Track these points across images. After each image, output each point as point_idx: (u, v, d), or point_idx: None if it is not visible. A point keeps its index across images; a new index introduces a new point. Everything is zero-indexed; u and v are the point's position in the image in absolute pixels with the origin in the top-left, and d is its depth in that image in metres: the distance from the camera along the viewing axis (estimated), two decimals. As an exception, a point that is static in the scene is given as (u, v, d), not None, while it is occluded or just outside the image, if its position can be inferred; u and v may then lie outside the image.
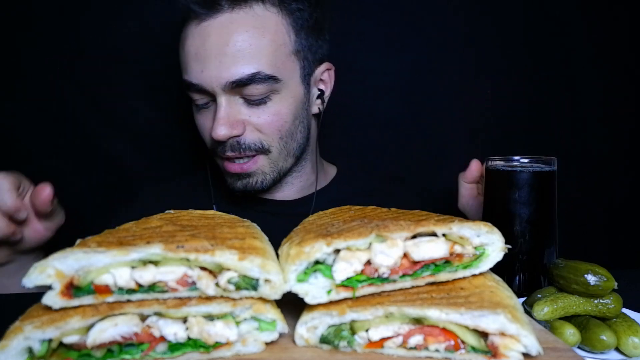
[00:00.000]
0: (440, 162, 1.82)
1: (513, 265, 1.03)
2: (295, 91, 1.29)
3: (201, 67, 1.19)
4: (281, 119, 1.26)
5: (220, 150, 1.27)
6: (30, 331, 0.60)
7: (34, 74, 1.70)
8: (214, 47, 1.18)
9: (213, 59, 1.18)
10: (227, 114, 1.21)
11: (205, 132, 1.31)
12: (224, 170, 1.33)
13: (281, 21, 1.23)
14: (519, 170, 1.03)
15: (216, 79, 1.18)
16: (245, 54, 1.18)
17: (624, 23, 1.82)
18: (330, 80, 1.42)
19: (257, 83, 1.19)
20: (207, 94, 1.23)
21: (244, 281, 0.66)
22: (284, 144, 1.29)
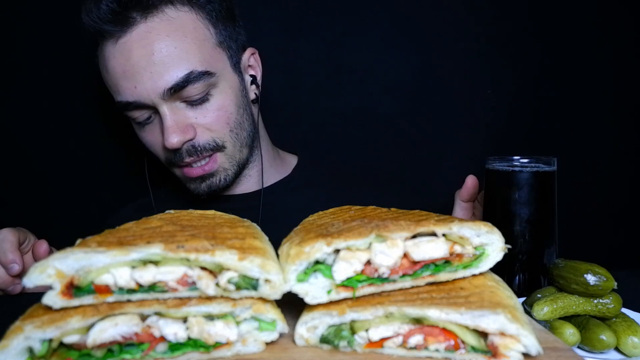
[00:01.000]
0: (440, 162, 1.82)
1: (513, 265, 1.03)
2: (232, 81, 1.30)
3: (133, 83, 1.18)
4: (227, 111, 1.27)
5: (177, 159, 1.26)
6: (31, 331, 0.60)
7: (33, 74, 1.70)
8: (141, 60, 1.16)
9: (142, 71, 1.16)
10: (175, 121, 1.21)
11: (155, 146, 1.30)
12: (185, 178, 1.32)
13: (196, 18, 1.23)
14: (519, 170, 1.03)
15: (152, 90, 1.17)
16: (174, 58, 1.17)
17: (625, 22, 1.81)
18: (258, 63, 1.43)
19: (193, 82, 1.19)
20: (146, 108, 1.22)
21: (244, 281, 0.66)
22: (235, 136, 1.30)
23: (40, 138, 1.72)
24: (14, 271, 1.08)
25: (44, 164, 1.74)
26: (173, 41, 1.18)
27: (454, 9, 1.77)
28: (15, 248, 1.09)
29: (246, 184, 1.46)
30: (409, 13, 1.77)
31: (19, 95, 1.71)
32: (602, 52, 1.82)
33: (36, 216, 1.72)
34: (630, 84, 1.84)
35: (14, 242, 1.09)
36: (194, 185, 1.33)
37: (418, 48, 1.78)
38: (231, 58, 1.31)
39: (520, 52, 1.80)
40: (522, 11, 1.79)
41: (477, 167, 1.22)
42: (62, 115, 1.72)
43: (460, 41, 1.78)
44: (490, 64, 1.80)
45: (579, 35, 1.80)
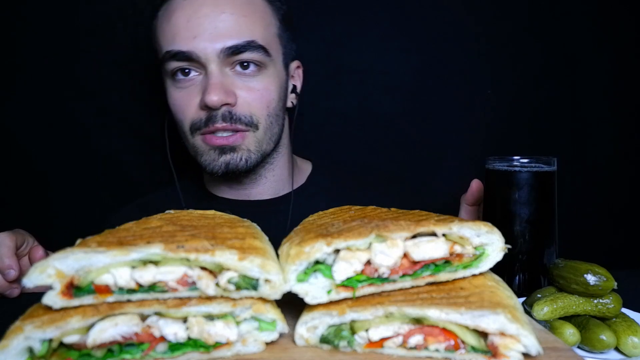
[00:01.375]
0: (440, 162, 1.82)
1: (513, 265, 1.03)
2: (280, 73, 1.32)
3: (194, 34, 1.18)
4: (270, 94, 1.28)
5: (209, 121, 1.23)
6: (31, 331, 0.60)
7: (33, 74, 1.70)
8: (209, 14, 1.19)
9: (207, 25, 1.18)
10: (221, 81, 1.21)
11: (186, 107, 1.26)
12: (204, 147, 1.27)
13: (266, 5, 1.30)
14: (519, 170, 1.03)
15: (210, 45, 1.18)
16: (241, 24, 1.21)
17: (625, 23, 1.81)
18: (300, 78, 1.47)
19: (251, 51, 1.21)
20: (194, 62, 1.21)
21: (244, 281, 0.66)
22: (269, 123, 1.30)
23: (40, 138, 1.72)
24: (10, 277, 1.07)
25: (44, 164, 1.74)
26: (243, 10, 1.22)
27: (454, 9, 1.77)
28: (12, 253, 1.08)
29: (261, 187, 1.43)
30: (409, 13, 1.76)
31: (19, 95, 1.71)
32: (602, 52, 1.82)
33: (36, 216, 1.72)
34: (630, 84, 1.84)
35: (11, 247, 1.08)
36: (210, 157, 1.27)
37: (418, 48, 1.78)
38: (284, 55, 1.34)
39: (520, 52, 1.80)
40: (522, 11, 1.79)
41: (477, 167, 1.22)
42: (62, 115, 1.72)
43: (460, 41, 1.78)
44: (490, 64, 1.79)
45: (579, 36, 1.80)
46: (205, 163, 1.29)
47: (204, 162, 1.29)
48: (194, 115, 1.25)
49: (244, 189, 1.42)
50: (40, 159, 1.74)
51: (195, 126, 1.26)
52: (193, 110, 1.25)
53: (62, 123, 1.72)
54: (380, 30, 1.76)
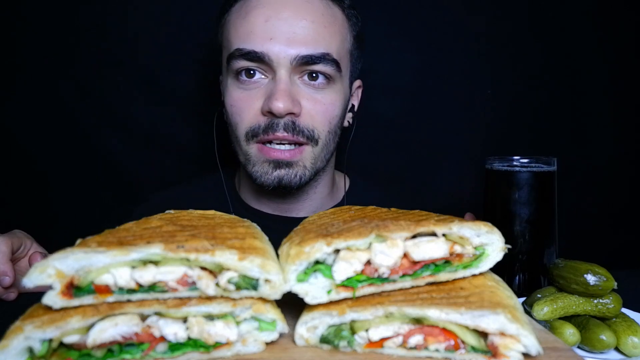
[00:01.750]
0: (440, 162, 1.82)
1: (513, 265, 1.03)
2: (345, 90, 1.28)
3: (271, 35, 1.14)
4: (334, 110, 1.24)
5: (270, 129, 1.16)
6: (31, 331, 0.60)
7: (33, 74, 1.70)
8: (290, 18, 1.15)
9: (286, 29, 1.14)
10: (288, 88, 1.15)
11: (246, 110, 1.19)
12: (259, 157, 1.20)
13: (345, 19, 1.27)
14: (519, 170, 1.03)
15: (285, 50, 1.14)
16: (319, 34, 1.17)
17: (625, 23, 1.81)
18: (359, 98, 1.43)
19: (324, 64, 1.17)
20: (264, 64, 1.16)
21: (244, 281, 0.66)
22: (328, 140, 1.25)
23: (40, 138, 1.72)
24: (4, 283, 1.05)
25: (44, 164, 1.74)
26: (323, 20, 1.19)
27: (454, 9, 1.77)
28: (6, 259, 1.05)
29: (302, 204, 1.37)
30: (409, 13, 1.77)
31: (18, 95, 1.71)
32: (602, 52, 1.82)
33: (36, 216, 1.72)
34: (630, 84, 1.84)
35: (6, 252, 1.06)
36: (264, 169, 1.20)
37: (418, 48, 1.78)
38: (351, 72, 1.31)
39: (520, 52, 1.80)
40: (522, 11, 1.80)
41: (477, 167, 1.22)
42: (62, 116, 1.72)
43: (460, 41, 1.78)
44: (490, 64, 1.80)
45: (579, 36, 1.80)
46: (257, 174, 1.21)
47: (255, 172, 1.22)
48: (253, 120, 1.19)
49: (284, 203, 1.35)
50: (40, 159, 1.74)
51: (253, 132, 1.19)
52: (253, 114, 1.19)
53: (62, 123, 1.72)
54: (380, 30, 1.76)
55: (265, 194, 1.33)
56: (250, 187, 1.36)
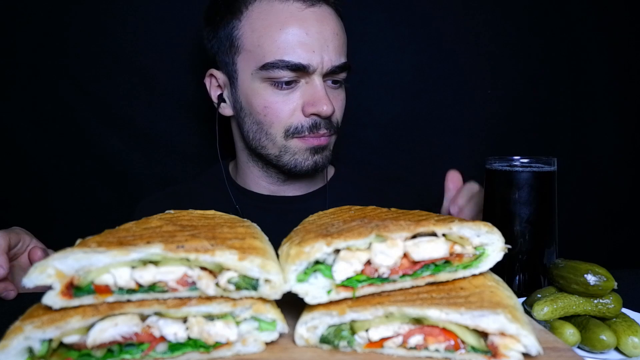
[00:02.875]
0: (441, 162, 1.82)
1: (513, 265, 1.03)
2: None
3: (312, 49, 1.27)
4: (344, 104, 1.43)
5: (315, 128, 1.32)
6: (31, 331, 0.60)
7: (32, 74, 1.70)
8: (327, 33, 1.30)
9: (326, 43, 1.29)
10: (327, 93, 1.31)
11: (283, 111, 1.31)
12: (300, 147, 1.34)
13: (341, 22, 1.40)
14: (519, 170, 1.03)
15: (326, 60, 1.29)
16: (342, 45, 1.36)
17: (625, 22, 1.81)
18: None
19: (345, 71, 1.37)
20: (302, 73, 1.29)
21: (244, 281, 0.66)
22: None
23: (40, 138, 1.72)
24: None
25: (44, 164, 1.74)
26: (340, 31, 1.36)
27: (454, 9, 1.77)
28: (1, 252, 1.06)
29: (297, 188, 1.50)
30: (409, 13, 1.76)
31: (17, 95, 1.71)
32: (603, 52, 1.82)
33: (36, 216, 1.72)
34: (630, 84, 1.84)
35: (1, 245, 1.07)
36: (304, 157, 1.35)
37: (418, 48, 1.78)
38: None
39: (521, 52, 1.80)
40: (522, 11, 1.79)
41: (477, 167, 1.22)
42: (61, 115, 1.71)
43: (460, 41, 1.78)
44: (490, 64, 1.79)
45: (579, 35, 1.80)
46: (297, 162, 1.36)
47: (294, 160, 1.36)
48: (295, 120, 1.32)
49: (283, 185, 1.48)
50: (40, 158, 1.73)
51: (295, 130, 1.32)
52: (292, 114, 1.31)
53: (62, 123, 1.72)
54: (380, 30, 1.76)
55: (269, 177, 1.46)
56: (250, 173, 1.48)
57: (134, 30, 1.69)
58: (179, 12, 1.69)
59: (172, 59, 1.72)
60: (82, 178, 1.76)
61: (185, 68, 1.72)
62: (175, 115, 1.75)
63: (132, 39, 1.69)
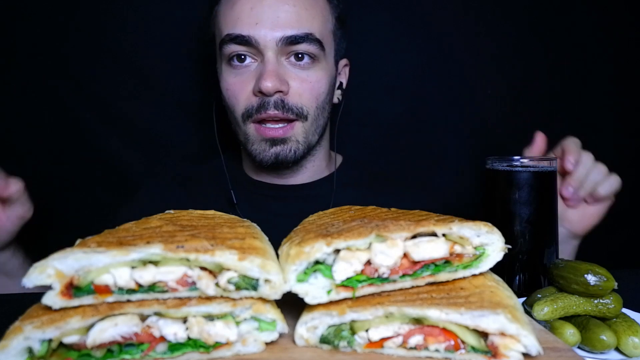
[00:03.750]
0: (441, 162, 1.82)
1: (513, 265, 1.03)
2: (331, 68, 1.37)
3: (256, 20, 1.24)
4: (320, 87, 1.33)
5: (262, 108, 1.26)
6: (30, 331, 0.60)
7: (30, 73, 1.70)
8: (272, 5, 1.24)
9: (270, 13, 1.24)
10: (276, 69, 1.25)
11: (240, 92, 1.30)
12: (256, 137, 1.31)
13: (325, 2, 1.36)
14: (519, 170, 1.03)
15: (270, 32, 1.23)
16: (301, 16, 1.27)
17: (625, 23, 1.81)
18: (346, 75, 1.53)
19: (308, 43, 1.26)
20: (252, 48, 1.25)
21: (244, 281, 0.66)
22: (317, 114, 1.34)
23: (40, 138, 1.72)
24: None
25: (44, 164, 1.73)
26: (304, 3, 1.28)
27: (455, 9, 1.77)
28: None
29: (300, 176, 1.47)
30: (409, 13, 1.76)
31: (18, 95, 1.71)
32: (603, 52, 1.82)
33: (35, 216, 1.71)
34: (630, 84, 1.84)
35: None
36: (261, 147, 1.31)
37: (418, 48, 1.78)
38: (335, 51, 1.40)
39: (521, 52, 1.80)
40: (522, 11, 1.79)
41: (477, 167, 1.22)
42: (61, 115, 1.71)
43: (460, 41, 1.78)
44: (490, 64, 1.79)
45: (579, 35, 1.80)
46: (256, 152, 1.32)
47: (254, 151, 1.32)
48: (247, 102, 1.28)
49: (282, 177, 1.46)
50: (40, 159, 1.73)
51: (247, 113, 1.29)
52: (246, 95, 1.28)
53: (62, 123, 1.72)
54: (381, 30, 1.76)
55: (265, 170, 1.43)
56: (251, 163, 1.46)
57: (134, 30, 1.69)
58: (179, 12, 1.69)
59: (172, 59, 1.72)
60: (82, 178, 1.75)
61: (185, 68, 1.72)
62: (175, 115, 1.75)
63: (132, 39, 1.69)
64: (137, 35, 1.69)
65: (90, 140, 1.73)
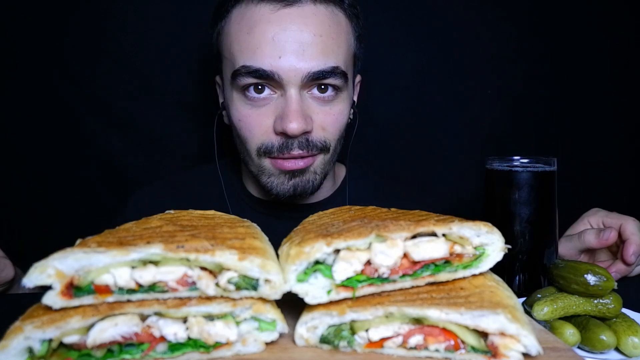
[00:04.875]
0: (441, 162, 1.82)
1: (513, 265, 1.03)
2: (350, 94, 1.29)
3: (279, 53, 1.11)
4: (343, 118, 1.25)
5: (285, 149, 1.17)
6: (31, 331, 0.60)
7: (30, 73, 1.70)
8: (298, 34, 1.12)
9: (296, 46, 1.12)
10: (301, 108, 1.14)
11: (257, 128, 1.19)
12: (273, 170, 1.22)
13: (349, 24, 1.24)
14: (519, 170, 1.03)
15: (296, 67, 1.12)
16: (328, 47, 1.15)
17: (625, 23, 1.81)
18: (357, 90, 1.43)
19: (334, 77, 1.16)
20: (273, 82, 1.14)
21: (244, 281, 0.66)
22: (338, 145, 1.27)
23: (40, 138, 1.72)
24: None
25: (44, 164, 1.73)
26: (330, 32, 1.16)
27: (455, 9, 1.77)
28: None
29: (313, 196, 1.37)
30: (409, 13, 1.76)
31: (17, 94, 1.71)
32: (603, 52, 1.82)
33: (36, 216, 1.72)
34: (630, 84, 1.84)
35: None
36: (279, 180, 1.22)
37: (419, 48, 1.78)
38: (354, 73, 1.32)
39: (521, 52, 1.80)
40: (522, 11, 1.79)
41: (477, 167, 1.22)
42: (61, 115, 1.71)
43: (460, 41, 1.78)
44: (490, 64, 1.80)
45: (579, 36, 1.80)
46: (272, 185, 1.23)
47: (271, 183, 1.23)
48: (266, 139, 1.18)
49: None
50: (40, 159, 1.73)
51: (266, 149, 1.19)
52: (264, 131, 1.18)
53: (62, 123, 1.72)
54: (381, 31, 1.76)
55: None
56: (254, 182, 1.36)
57: (134, 30, 1.69)
58: (179, 12, 1.69)
59: (172, 59, 1.72)
60: (82, 178, 1.76)
61: (185, 68, 1.72)
62: (175, 115, 1.75)
63: (132, 39, 1.69)
64: (137, 36, 1.69)
65: (90, 141, 1.74)
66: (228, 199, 1.36)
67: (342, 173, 1.51)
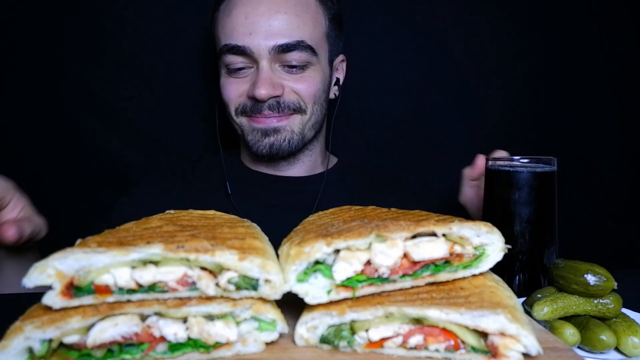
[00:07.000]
0: (441, 162, 1.82)
1: (513, 265, 1.03)
2: (324, 70, 1.43)
3: (250, 30, 1.30)
4: (315, 86, 1.39)
5: (256, 109, 1.34)
6: (31, 331, 0.60)
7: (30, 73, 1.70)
8: (265, 13, 1.30)
9: (263, 23, 1.30)
10: (269, 76, 1.32)
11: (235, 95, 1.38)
12: (249, 126, 1.38)
13: (319, 5, 1.40)
14: (519, 170, 1.03)
15: (264, 41, 1.30)
16: (293, 24, 1.32)
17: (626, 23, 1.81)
18: (343, 71, 1.58)
19: (300, 50, 1.32)
20: (248, 57, 1.32)
21: (244, 281, 0.66)
22: (313, 110, 1.40)
23: (41, 138, 1.72)
24: None
25: (44, 164, 1.73)
26: (297, 11, 1.33)
27: (455, 9, 1.77)
28: None
29: (297, 169, 1.52)
30: (410, 13, 1.76)
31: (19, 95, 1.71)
32: (603, 52, 1.82)
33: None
34: (630, 84, 1.83)
35: None
36: (255, 138, 1.38)
37: (419, 48, 1.78)
38: (329, 52, 1.45)
39: (521, 52, 1.80)
40: (523, 11, 1.79)
41: (477, 167, 1.22)
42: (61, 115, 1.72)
43: (461, 41, 1.78)
44: (490, 64, 1.80)
45: (579, 36, 1.80)
46: (251, 143, 1.39)
47: (250, 141, 1.40)
48: (242, 100, 1.37)
49: (279, 168, 1.51)
50: (40, 159, 1.74)
51: (242, 110, 1.37)
52: (239, 94, 1.37)
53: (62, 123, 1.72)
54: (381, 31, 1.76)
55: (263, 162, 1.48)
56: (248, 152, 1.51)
57: (134, 30, 1.69)
58: (179, 12, 1.69)
59: (172, 59, 1.72)
60: (82, 178, 1.76)
61: (186, 68, 1.72)
62: (174, 115, 1.75)
63: (132, 39, 1.69)
64: (137, 35, 1.69)
65: (90, 140, 1.74)
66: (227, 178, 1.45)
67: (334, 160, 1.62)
